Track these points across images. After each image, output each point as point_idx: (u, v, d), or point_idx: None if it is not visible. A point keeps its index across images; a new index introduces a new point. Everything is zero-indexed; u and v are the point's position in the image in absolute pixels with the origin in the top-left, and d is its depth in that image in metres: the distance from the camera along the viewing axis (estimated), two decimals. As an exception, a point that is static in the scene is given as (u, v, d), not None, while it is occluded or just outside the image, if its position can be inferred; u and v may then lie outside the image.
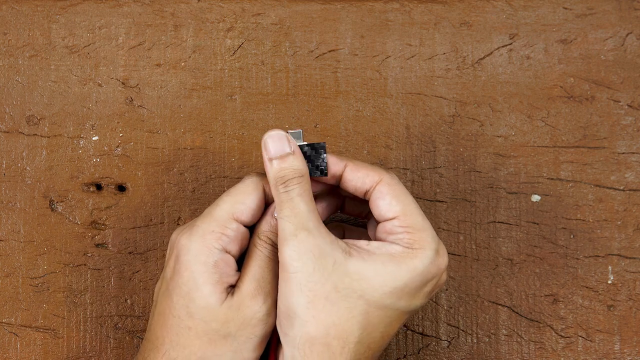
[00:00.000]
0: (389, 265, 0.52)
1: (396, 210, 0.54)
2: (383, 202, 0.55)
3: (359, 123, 0.68)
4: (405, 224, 0.54)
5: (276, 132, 0.56)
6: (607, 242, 0.67)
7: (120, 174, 0.67)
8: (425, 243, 0.53)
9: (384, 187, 0.55)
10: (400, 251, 0.53)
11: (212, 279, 0.55)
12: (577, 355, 0.66)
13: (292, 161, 0.55)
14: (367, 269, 0.52)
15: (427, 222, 0.54)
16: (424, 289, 0.54)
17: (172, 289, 0.56)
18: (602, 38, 0.68)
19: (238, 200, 0.56)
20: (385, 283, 0.52)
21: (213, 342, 0.55)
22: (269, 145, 0.55)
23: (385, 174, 0.55)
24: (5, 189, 0.67)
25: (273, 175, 0.55)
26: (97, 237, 0.67)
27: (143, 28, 0.68)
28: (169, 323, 0.56)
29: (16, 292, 0.66)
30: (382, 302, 0.52)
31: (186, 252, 0.55)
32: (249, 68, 0.68)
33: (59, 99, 0.68)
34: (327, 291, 0.52)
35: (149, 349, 0.57)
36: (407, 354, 0.67)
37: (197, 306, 0.54)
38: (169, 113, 0.68)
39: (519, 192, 0.67)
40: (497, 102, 0.68)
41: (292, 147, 0.56)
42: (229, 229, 0.56)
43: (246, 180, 0.57)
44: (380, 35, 0.68)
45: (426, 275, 0.53)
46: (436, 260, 0.54)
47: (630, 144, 0.68)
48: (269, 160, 0.55)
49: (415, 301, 0.54)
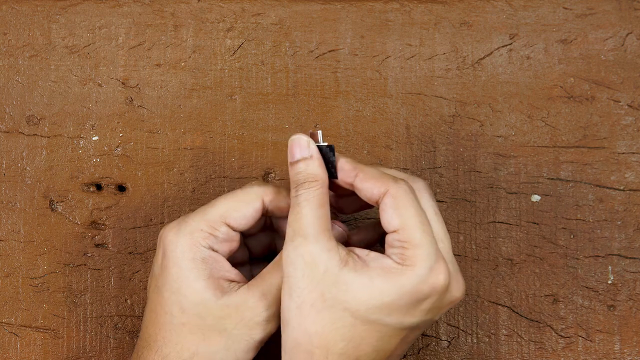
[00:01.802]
0: (377, 280, 0.51)
1: (396, 224, 0.53)
2: (385, 215, 0.53)
3: (359, 123, 0.68)
4: (403, 238, 0.52)
5: (297, 136, 0.55)
6: (607, 242, 0.67)
7: (120, 174, 0.67)
8: (418, 260, 0.52)
9: (388, 200, 0.53)
10: (391, 266, 0.52)
11: (204, 274, 0.55)
12: (577, 355, 0.66)
13: (305, 166, 0.55)
14: (356, 280, 0.51)
15: (427, 238, 0.52)
16: (420, 306, 0.52)
17: (161, 285, 0.56)
18: (602, 38, 0.68)
19: (233, 207, 0.56)
20: (372, 297, 0.51)
21: (207, 337, 0.54)
22: (290, 149, 0.55)
23: (392, 185, 0.54)
24: (5, 189, 0.67)
25: (290, 179, 0.55)
26: (97, 237, 0.67)
27: (143, 28, 0.68)
28: (161, 320, 0.56)
29: (16, 292, 0.66)
30: (367, 317, 0.51)
31: (173, 248, 0.55)
32: (249, 68, 0.68)
33: (59, 99, 0.68)
34: (313, 298, 0.52)
35: (142, 347, 0.57)
36: (407, 354, 0.67)
37: (191, 302, 0.54)
38: (169, 113, 0.68)
39: (519, 192, 0.67)
40: (497, 102, 0.68)
41: (310, 152, 0.55)
42: (218, 231, 0.56)
43: (247, 188, 0.57)
44: (380, 35, 0.69)
45: (416, 293, 0.51)
46: (429, 279, 0.52)
47: (630, 144, 0.68)
48: (289, 164, 0.55)
49: (411, 318, 0.52)
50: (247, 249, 0.61)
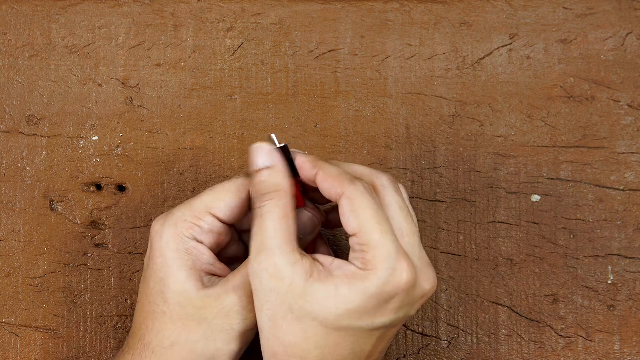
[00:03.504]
0: (342, 288, 0.51)
1: (354, 227, 0.52)
2: (343, 218, 0.53)
3: (359, 123, 0.68)
4: (361, 241, 0.52)
5: (259, 145, 0.55)
6: (607, 242, 0.67)
7: (120, 174, 0.67)
8: (378, 262, 0.51)
9: (345, 202, 0.52)
10: (354, 272, 0.51)
11: (186, 265, 0.55)
12: (577, 355, 0.66)
13: (267, 175, 0.54)
14: (322, 290, 0.51)
15: (386, 238, 0.51)
16: (388, 306, 0.52)
17: (148, 275, 0.57)
18: (602, 38, 0.68)
19: (218, 197, 0.56)
20: (338, 306, 0.51)
21: (187, 327, 0.55)
22: (251, 158, 0.55)
23: (348, 186, 0.53)
24: (5, 189, 0.67)
25: (252, 189, 0.55)
26: (97, 237, 0.67)
27: (143, 28, 0.68)
28: (146, 309, 0.56)
29: (16, 292, 0.66)
30: (338, 324, 0.51)
31: (159, 238, 0.56)
32: (249, 68, 0.68)
33: (59, 99, 0.68)
34: (283, 312, 0.52)
35: (130, 335, 0.58)
36: (407, 354, 0.67)
37: (173, 291, 0.55)
38: (169, 113, 0.68)
39: (519, 192, 0.67)
40: (497, 102, 0.68)
41: (272, 161, 0.55)
42: (203, 221, 0.56)
43: (234, 179, 0.57)
44: (380, 35, 0.69)
45: (381, 295, 0.51)
46: (392, 280, 0.51)
47: (630, 144, 0.68)
48: (251, 173, 0.55)
49: (382, 318, 0.52)
50: (242, 244, 0.61)
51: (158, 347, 0.55)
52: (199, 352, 0.55)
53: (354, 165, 0.57)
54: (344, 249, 0.67)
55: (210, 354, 0.55)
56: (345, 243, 0.67)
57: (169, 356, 0.55)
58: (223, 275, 0.57)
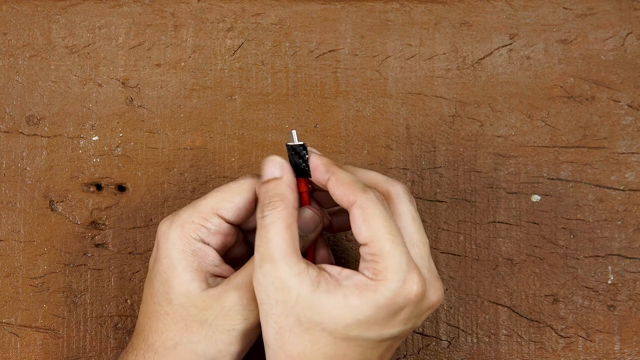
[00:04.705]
0: (352, 298, 0.51)
1: (365, 237, 0.52)
2: (354, 227, 0.52)
3: (359, 123, 0.68)
4: (372, 251, 0.51)
5: (272, 157, 0.55)
6: (607, 242, 0.67)
7: (120, 174, 0.67)
8: (389, 273, 0.51)
9: (356, 211, 0.52)
10: (364, 282, 0.51)
11: (192, 266, 0.55)
12: (577, 355, 0.66)
13: (273, 186, 0.54)
14: (330, 301, 0.51)
15: (397, 248, 0.51)
16: (397, 317, 0.52)
17: (153, 276, 0.57)
18: (602, 38, 0.68)
19: (225, 198, 0.56)
20: (347, 316, 0.51)
21: (189, 328, 0.55)
22: (262, 170, 0.55)
23: (360, 195, 0.52)
24: (5, 189, 0.67)
25: (258, 199, 0.55)
26: (97, 237, 0.67)
27: (143, 28, 0.68)
28: (150, 309, 0.57)
29: (16, 292, 0.66)
30: (347, 334, 0.51)
31: (165, 239, 0.56)
32: (249, 68, 0.68)
33: (59, 99, 0.68)
34: (290, 324, 0.51)
35: (134, 335, 0.58)
36: (407, 354, 0.67)
37: (176, 292, 0.55)
38: (169, 113, 0.68)
39: (519, 192, 0.67)
40: (497, 102, 0.68)
41: (280, 173, 0.54)
42: (210, 222, 0.56)
43: (240, 180, 0.57)
44: (380, 35, 0.69)
45: (391, 306, 0.51)
46: (402, 291, 0.51)
47: (630, 144, 0.68)
48: (260, 184, 0.55)
49: (390, 330, 0.52)
50: (247, 246, 0.61)
51: (161, 347, 0.55)
52: (200, 353, 0.55)
53: (368, 171, 0.57)
54: (344, 249, 0.67)
55: (212, 355, 0.55)
56: (346, 243, 0.67)
57: (171, 357, 0.55)
58: (228, 276, 0.57)
